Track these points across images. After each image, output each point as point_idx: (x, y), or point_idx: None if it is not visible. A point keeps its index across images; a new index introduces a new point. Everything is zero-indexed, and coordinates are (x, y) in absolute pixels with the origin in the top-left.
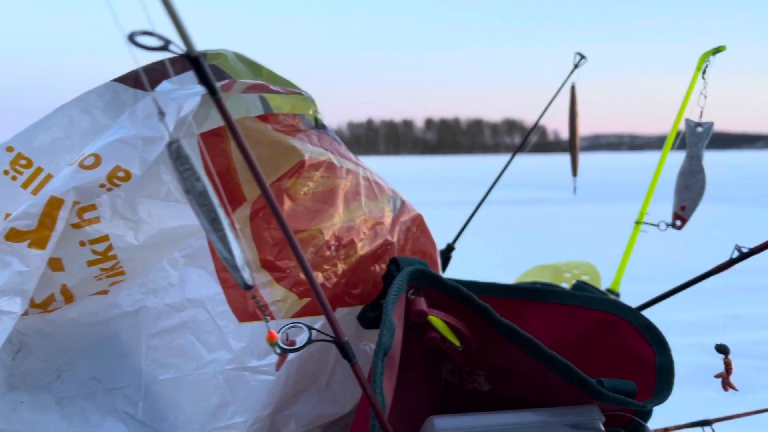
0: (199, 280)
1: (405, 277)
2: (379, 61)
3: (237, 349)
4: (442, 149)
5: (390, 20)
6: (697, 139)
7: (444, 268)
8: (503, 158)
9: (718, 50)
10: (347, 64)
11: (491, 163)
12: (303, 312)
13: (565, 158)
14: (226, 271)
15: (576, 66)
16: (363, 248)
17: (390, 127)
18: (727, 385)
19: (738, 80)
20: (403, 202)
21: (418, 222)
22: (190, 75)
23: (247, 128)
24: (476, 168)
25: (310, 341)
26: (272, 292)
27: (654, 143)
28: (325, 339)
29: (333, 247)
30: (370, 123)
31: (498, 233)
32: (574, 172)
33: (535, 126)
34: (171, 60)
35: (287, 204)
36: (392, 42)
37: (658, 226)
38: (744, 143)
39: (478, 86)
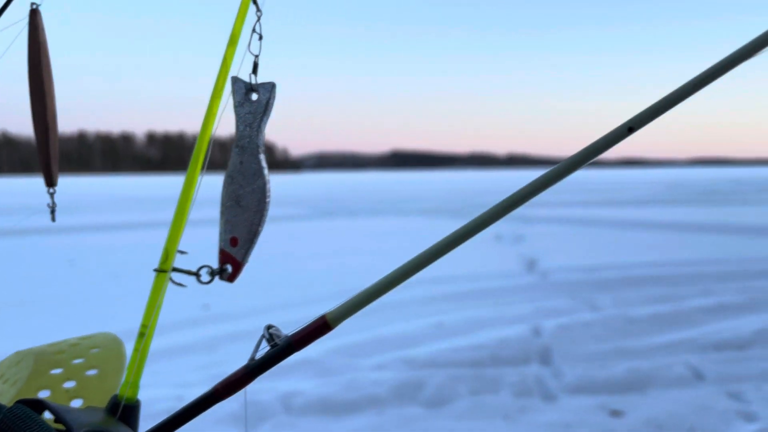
0: None
1: None
2: (90, 63)
3: None
4: (167, 166)
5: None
6: (252, 116)
7: None
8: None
9: None
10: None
11: (219, 182)
12: None
13: (293, 179)
14: None
15: None
16: None
17: (106, 141)
18: None
19: (455, 106)
20: None
21: None
22: None
23: None
24: (205, 186)
25: None
26: None
27: (374, 161)
28: None
29: None
30: (82, 136)
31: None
32: (51, 182)
33: None
34: None
35: None
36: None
37: (198, 275)
38: (445, 163)
39: (204, 97)
